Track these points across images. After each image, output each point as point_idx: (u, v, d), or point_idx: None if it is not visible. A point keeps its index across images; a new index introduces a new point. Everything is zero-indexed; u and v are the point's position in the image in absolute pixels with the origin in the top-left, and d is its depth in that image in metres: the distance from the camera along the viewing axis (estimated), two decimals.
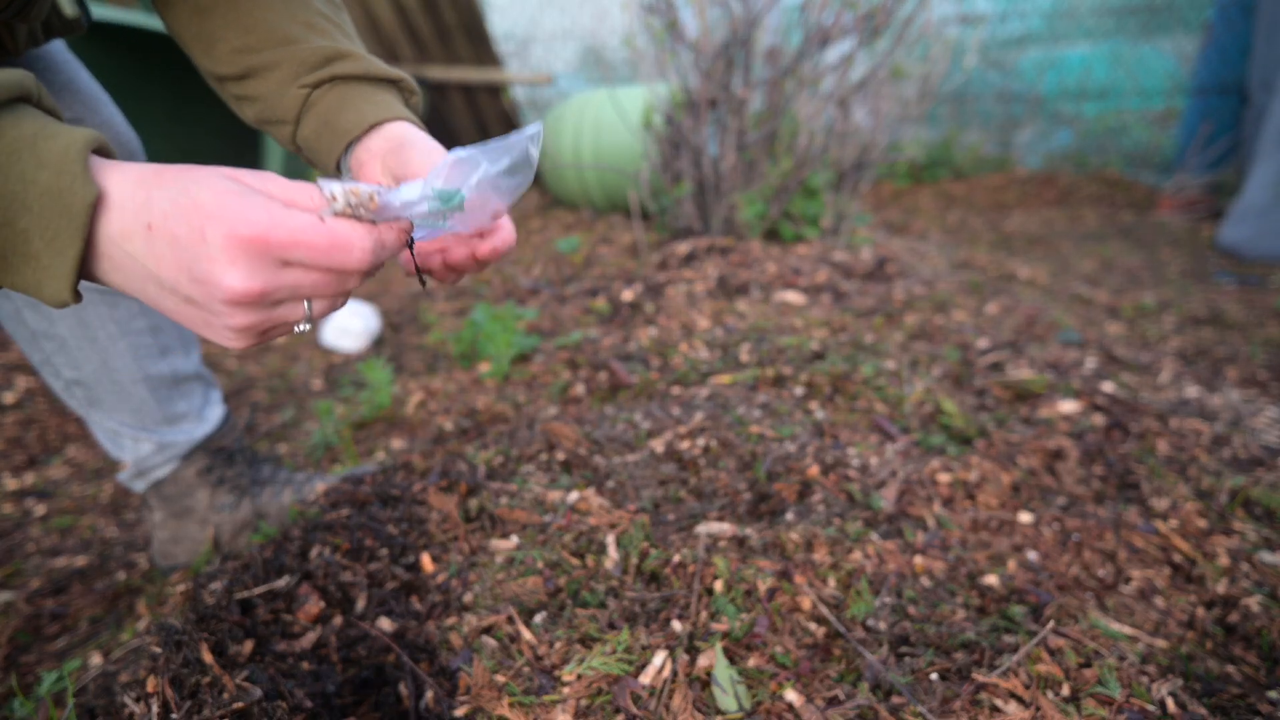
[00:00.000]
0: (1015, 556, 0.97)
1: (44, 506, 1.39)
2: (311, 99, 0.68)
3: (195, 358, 1.08)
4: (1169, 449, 1.17)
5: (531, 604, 0.84)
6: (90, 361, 0.98)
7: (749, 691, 0.72)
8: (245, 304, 0.46)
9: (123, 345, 0.98)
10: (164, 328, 1.03)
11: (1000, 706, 0.68)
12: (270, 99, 0.69)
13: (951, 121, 4.42)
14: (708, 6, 2.20)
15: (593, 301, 2.02)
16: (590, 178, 3.20)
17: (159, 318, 1.02)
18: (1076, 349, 1.63)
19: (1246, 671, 0.82)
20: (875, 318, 1.75)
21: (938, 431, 1.27)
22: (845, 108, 2.31)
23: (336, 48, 0.68)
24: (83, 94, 0.88)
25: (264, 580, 0.87)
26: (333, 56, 0.68)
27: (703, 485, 1.09)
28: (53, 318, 0.95)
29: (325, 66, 0.67)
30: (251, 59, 0.68)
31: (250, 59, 0.68)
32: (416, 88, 0.74)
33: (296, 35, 0.68)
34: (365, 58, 0.69)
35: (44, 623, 1.09)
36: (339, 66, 0.67)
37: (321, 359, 2.12)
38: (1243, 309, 2.19)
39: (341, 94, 0.68)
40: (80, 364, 0.98)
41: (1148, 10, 3.83)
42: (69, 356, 0.97)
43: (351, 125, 0.67)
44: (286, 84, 0.67)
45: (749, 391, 1.39)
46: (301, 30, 0.68)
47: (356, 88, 0.68)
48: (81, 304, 0.95)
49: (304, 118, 0.69)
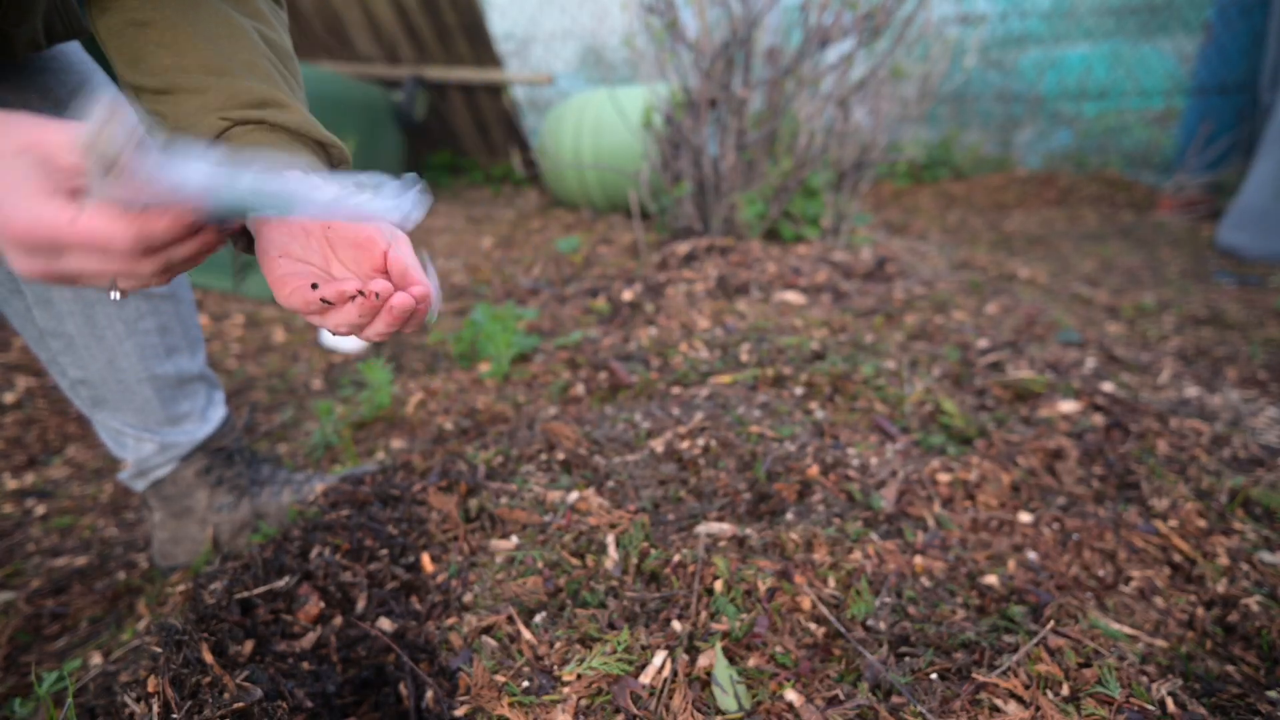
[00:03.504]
0: (1015, 556, 0.97)
1: (44, 506, 1.39)
2: (229, 134, 0.63)
3: (200, 358, 1.08)
4: (1169, 449, 1.17)
5: (531, 604, 0.84)
6: (96, 360, 0.98)
7: (749, 691, 0.72)
8: (32, 274, 0.47)
9: (129, 345, 0.98)
10: (171, 328, 1.03)
11: (1000, 706, 0.68)
12: (182, 122, 0.63)
13: (951, 121, 4.42)
14: (708, 6, 2.20)
15: (593, 301, 2.02)
16: (590, 178, 3.20)
17: (167, 318, 1.02)
18: (1076, 349, 1.63)
19: (1246, 671, 0.82)
20: (875, 318, 1.75)
21: (938, 431, 1.27)
22: (845, 108, 2.31)
23: (274, 95, 0.64)
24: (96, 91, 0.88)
25: (264, 580, 0.87)
26: (268, 102, 0.64)
27: (703, 485, 1.09)
28: (61, 316, 0.95)
29: (257, 108, 0.63)
30: (178, 78, 0.64)
31: (177, 77, 0.64)
32: (347, 156, 0.70)
33: (234, 71, 0.64)
34: (303, 114, 0.65)
35: (44, 623, 1.09)
36: (271, 113, 0.63)
37: (321, 359, 2.12)
38: (1243, 309, 2.19)
39: (262, 140, 0.63)
40: (86, 363, 0.98)
41: (1148, 10, 3.83)
42: (75, 355, 0.98)
43: None
44: (207, 112, 0.63)
45: (749, 391, 1.39)
46: (240, 68, 0.65)
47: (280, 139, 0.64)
48: (90, 303, 0.95)
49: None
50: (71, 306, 0.95)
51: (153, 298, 0.99)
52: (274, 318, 2.47)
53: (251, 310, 2.52)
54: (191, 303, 1.07)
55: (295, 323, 2.42)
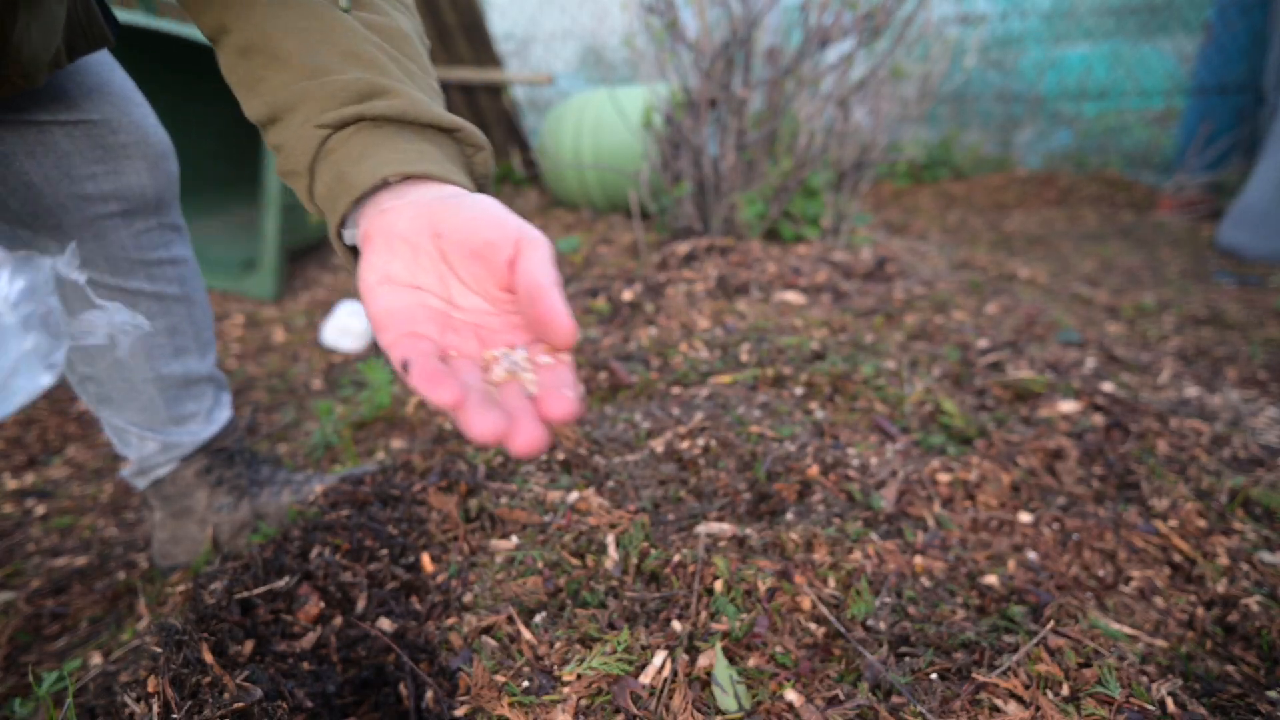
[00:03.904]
0: (1015, 556, 0.97)
1: (44, 506, 1.39)
2: (329, 144, 0.53)
3: (210, 360, 1.09)
4: (1169, 449, 1.17)
5: (531, 604, 0.84)
6: (103, 358, 0.98)
7: (749, 691, 0.72)
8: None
9: (138, 345, 0.99)
10: (182, 329, 1.03)
11: (1000, 706, 0.68)
12: (289, 146, 0.54)
13: (951, 121, 4.42)
14: (708, 6, 2.20)
15: (593, 301, 2.02)
16: (590, 178, 3.20)
17: (178, 319, 1.02)
18: (1076, 349, 1.63)
19: (1246, 671, 0.82)
20: (875, 318, 1.75)
21: (938, 431, 1.27)
22: (845, 108, 2.31)
23: (375, 82, 0.53)
24: (114, 96, 0.88)
25: (264, 580, 0.87)
26: (368, 93, 0.52)
27: (703, 485, 1.09)
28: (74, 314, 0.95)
29: (356, 104, 0.52)
30: (280, 95, 0.54)
31: (279, 96, 0.54)
32: (483, 141, 0.57)
33: (329, 66, 0.53)
34: (409, 95, 0.53)
35: (44, 623, 1.09)
36: (370, 105, 0.52)
37: (321, 359, 2.12)
38: (1243, 309, 2.19)
39: (366, 139, 0.52)
40: (94, 359, 0.98)
41: (1148, 10, 3.83)
42: (84, 352, 0.98)
43: (364, 178, 0.50)
44: (306, 125, 0.53)
45: (749, 391, 1.39)
46: (337, 60, 0.54)
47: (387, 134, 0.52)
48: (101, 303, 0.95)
49: (318, 168, 0.53)
50: (83, 305, 0.95)
51: (165, 299, 1.00)
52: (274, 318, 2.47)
53: (251, 310, 2.52)
54: (205, 304, 1.07)
55: (295, 323, 2.43)
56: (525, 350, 0.45)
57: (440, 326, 0.45)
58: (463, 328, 0.46)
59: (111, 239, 0.93)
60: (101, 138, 0.87)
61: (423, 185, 0.50)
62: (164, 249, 0.98)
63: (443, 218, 0.46)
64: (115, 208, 0.91)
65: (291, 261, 2.86)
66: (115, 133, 0.88)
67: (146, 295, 0.97)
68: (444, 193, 0.49)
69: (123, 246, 0.94)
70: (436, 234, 0.46)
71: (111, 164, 0.89)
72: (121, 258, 0.94)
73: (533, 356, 0.44)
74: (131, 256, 0.95)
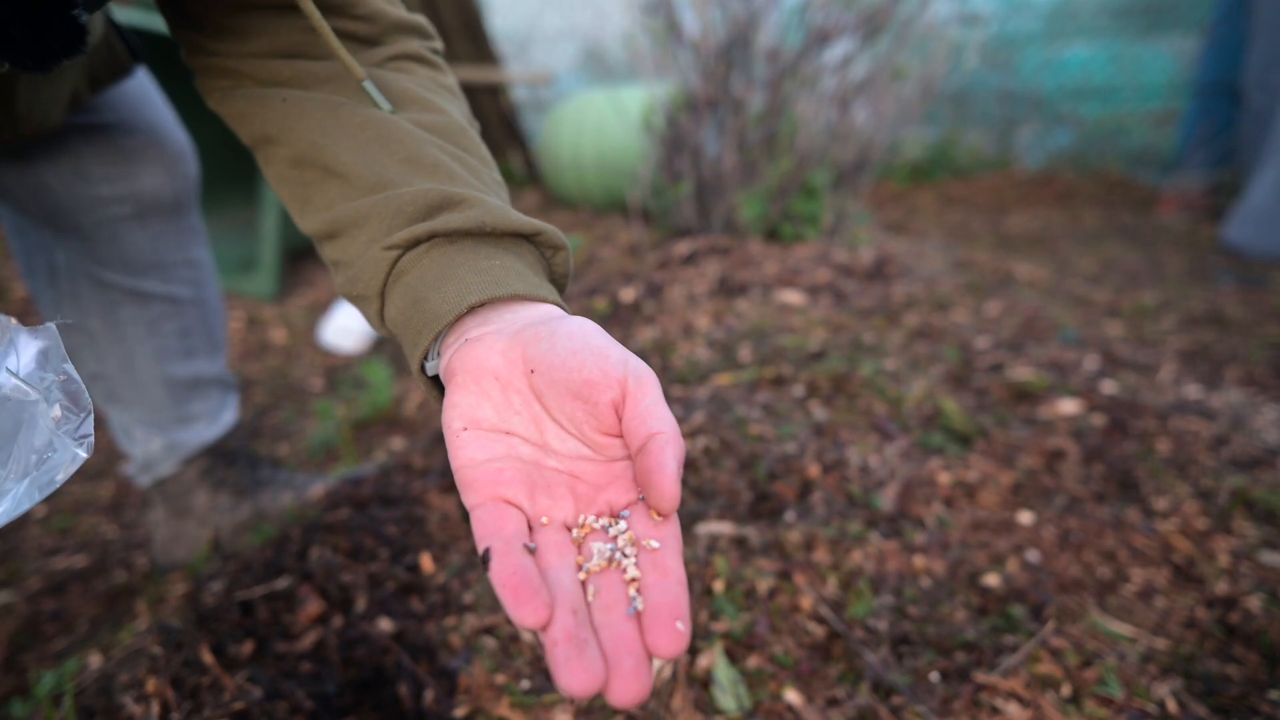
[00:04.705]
0: (1015, 556, 0.97)
1: (44, 506, 1.39)
2: (400, 265, 0.48)
3: (220, 361, 1.09)
4: (1169, 449, 1.17)
5: None
6: (113, 356, 0.98)
7: (749, 691, 0.72)
8: None
9: (149, 346, 0.99)
10: (193, 331, 1.03)
11: (1000, 706, 0.68)
12: (354, 267, 0.49)
13: (951, 121, 4.42)
14: (708, 6, 2.20)
15: (593, 301, 2.02)
16: (590, 177, 3.20)
17: (190, 320, 1.02)
18: (1076, 349, 1.63)
19: (1247, 671, 0.81)
20: (875, 318, 1.75)
21: (938, 431, 1.27)
22: (845, 108, 2.31)
23: (445, 192, 0.48)
24: (129, 98, 0.88)
25: (264, 581, 0.87)
26: (439, 204, 0.48)
27: (703, 485, 1.09)
28: (86, 311, 0.95)
29: (427, 219, 0.47)
30: (340, 209, 0.50)
31: (338, 210, 0.50)
32: (562, 241, 0.52)
33: (392, 177, 0.49)
34: (483, 202, 0.48)
35: (44, 623, 1.09)
36: (444, 220, 0.46)
37: (321, 359, 2.12)
38: (1243, 309, 2.18)
39: (442, 258, 0.47)
40: (104, 358, 0.98)
41: (1148, 10, 3.83)
42: (94, 350, 0.98)
43: (446, 307, 0.45)
44: (372, 244, 0.48)
45: (749, 391, 1.39)
46: (398, 169, 0.49)
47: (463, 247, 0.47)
48: (114, 302, 0.95)
49: (390, 292, 0.49)
50: (97, 304, 0.95)
51: (178, 301, 1.00)
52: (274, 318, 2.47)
53: (251, 310, 2.52)
54: (219, 307, 1.07)
55: (295, 323, 2.43)
56: (627, 520, 0.39)
57: (529, 486, 0.40)
58: (556, 483, 0.41)
59: (127, 240, 0.92)
60: (115, 140, 0.87)
61: (511, 307, 0.45)
62: (180, 250, 0.98)
63: (537, 352, 0.41)
64: (130, 209, 0.91)
65: (291, 261, 2.86)
66: (129, 135, 0.88)
67: (160, 297, 0.97)
68: (535, 316, 0.44)
69: (138, 248, 0.94)
70: (530, 370, 0.41)
71: (126, 166, 0.89)
72: (137, 259, 0.94)
73: (634, 528, 0.39)
74: (147, 258, 0.95)
